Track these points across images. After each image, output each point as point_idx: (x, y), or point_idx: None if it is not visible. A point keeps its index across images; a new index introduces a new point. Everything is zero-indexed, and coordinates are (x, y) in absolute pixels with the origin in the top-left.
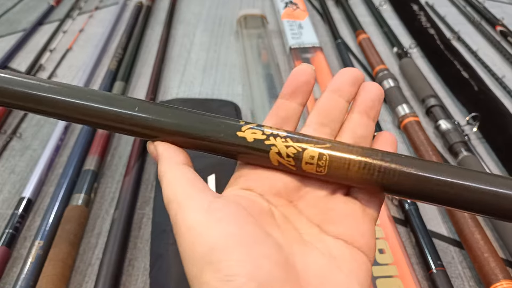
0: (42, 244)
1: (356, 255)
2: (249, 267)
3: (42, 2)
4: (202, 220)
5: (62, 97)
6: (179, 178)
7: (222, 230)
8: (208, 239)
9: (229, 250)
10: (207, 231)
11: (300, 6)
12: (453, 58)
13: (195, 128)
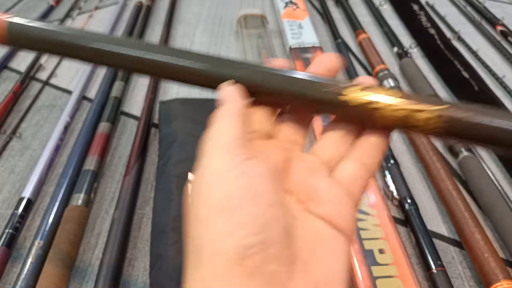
0: (42, 244)
1: (337, 236)
2: (259, 222)
3: (41, 2)
4: (227, 167)
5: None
6: (228, 128)
7: (244, 183)
8: (229, 187)
9: (245, 202)
10: (229, 179)
11: (300, 6)
12: (454, 58)
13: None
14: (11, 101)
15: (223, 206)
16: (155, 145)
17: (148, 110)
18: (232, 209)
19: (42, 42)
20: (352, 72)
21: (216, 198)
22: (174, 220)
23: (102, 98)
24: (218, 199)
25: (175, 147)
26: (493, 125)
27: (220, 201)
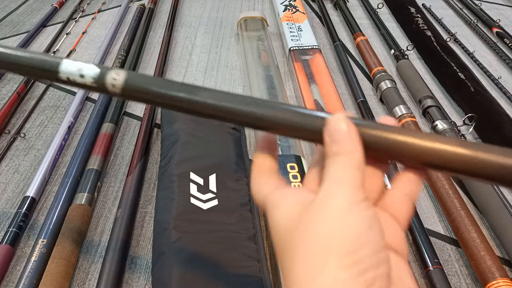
0: (45, 242)
1: (399, 259)
2: (377, 258)
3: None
4: (352, 204)
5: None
6: (356, 165)
7: (366, 221)
8: (353, 223)
9: (368, 239)
10: (353, 215)
11: (299, 9)
12: (450, 59)
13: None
14: (15, 101)
15: (351, 231)
16: (158, 145)
17: (151, 111)
18: (358, 233)
19: (155, 97)
20: (350, 73)
21: (345, 226)
22: (176, 219)
23: (106, 99)
24: (347, 228)
25: (177, 147)
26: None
27: (350, 228)
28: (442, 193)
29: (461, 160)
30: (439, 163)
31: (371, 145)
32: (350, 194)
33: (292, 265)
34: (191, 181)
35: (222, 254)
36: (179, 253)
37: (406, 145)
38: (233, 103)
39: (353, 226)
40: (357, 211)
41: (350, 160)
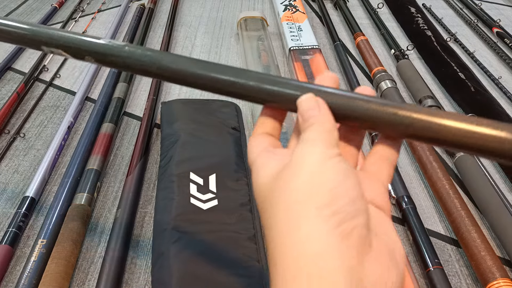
0: (45, 242)
1: (381, 213)
2: (352, 195)
3: (45, 4)
4: (327, 156)
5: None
6: (328, 125)
7: (341, 168)
8: (329, 171)
9: (341, 180)
10: (329, 165)
11: (299, 9)
12: (450, 59)
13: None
14: (15, 101)
15: (327, 182)
16: (157, 145)
17: (151, 111)
18: (334, 184)
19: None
20: (350, 73)
21: (321, 178)
22: (176, 219)
23: (105, 99)
24: (323, 179)
25: (177, 147)
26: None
27: (325, 179)
28: (443, 193)
29: (435, 129)
30: (413, 133)
31: (344, 115)
32: (324, 150)
33: (273, 220)
34: (191, 181)
35: (222, 254)
36: (179, 254)
37: (379, 115)
38: (209, 71)
39: (328, 177)
40: (331, 164)
41: (322, 127)
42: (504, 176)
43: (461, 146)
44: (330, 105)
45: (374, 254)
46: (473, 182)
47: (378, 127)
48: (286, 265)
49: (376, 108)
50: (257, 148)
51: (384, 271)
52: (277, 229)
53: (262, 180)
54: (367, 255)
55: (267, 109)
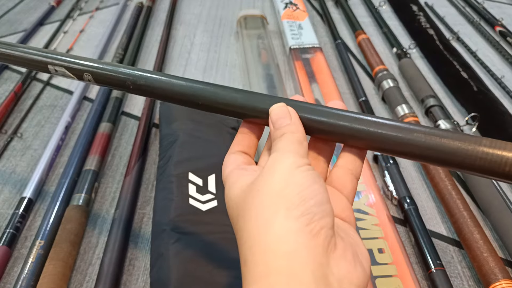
0: (42, 243)
1: (346, 224)
2: (320, 197)
3: (42, 3)
4: (297, 164)
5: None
6: (298, 136)
7: (310, 175)
8: (298, 176)
9: (310, 185)
10: (299, 172)
11: (300, 7)
12: (453, 58)
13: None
14: (12, 101)
15: (296, 186)
16: (156, 145)
17: (149, 110)
18: (303, 187)
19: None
20: (351, 72)
21: (290, 183)
22: (175, 220)
23: (103, 98)
24: (292, 183)
25: (176, 147)
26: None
27: (294, 184)
28: (445, 194)
29: (395, 142)
30: (377, 146)
31: (314, 128)
32: (294, 160)
33: (245, 224)
34: (190, 182)
35: (221, 256)
36: (178, 255)
37: (345, 129)
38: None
39: (297, 182)
40: (300, 171)
41: (292, 137)
42: None
43: (421, 157)
44: (302, 118)
45: (340, 252)
46: (476, 182)
47: (347, 140)
48: (256, 262)
49: (344, 123)
50: (231, 166)
51: (349, 268)
52: (249, 231)
53: (234, 192)
54: (333, 253)
55: (244, 126)
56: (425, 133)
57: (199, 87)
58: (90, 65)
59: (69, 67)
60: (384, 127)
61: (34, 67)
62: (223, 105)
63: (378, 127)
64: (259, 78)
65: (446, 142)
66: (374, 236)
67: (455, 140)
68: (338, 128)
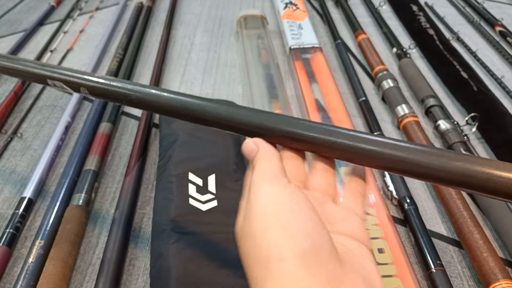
0: (42, 243)
1: (359, 244)
2: (308, 227)
3: (42, 3)
4: (277, 190)
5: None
6: (270, 162)
7: (293, 199)
8: (281, 203)
9: (295, 213)
10: (281, 198)
11: (300, 7)
12: (453, 58)
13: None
14: (12, 101)
15: (279, 219)
16: (156, 145)
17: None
18: (287, 220)
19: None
20: (351, 72)
21: (272, 214)
22: (175, 220)
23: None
24: (274, 215)
25: (176, 147)
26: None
27: (276, 215)
28: (445, 194)
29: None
30: (384, 165)
31: (289, 141)
32: (272, 187)
33: (249, 267)
34: (190, 182)
35: (221, 256)
36: (178, 255)
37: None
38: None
39: (282, 216)
40: (282, 198)
41: (263, 161)
42: None
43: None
44: (310, 137)
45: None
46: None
47: (354, 159)
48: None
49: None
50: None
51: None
52: (253, 278)
53: (237, 223)
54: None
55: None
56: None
57: (186, 100)
58: (86, 79)
59: (66, 81)
60: (397, 148)
61: (33, 80)
62: (210, 118)
63: (393, 148)
64: (259, 78)
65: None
66: (374, 236)
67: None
68: (341, 145)
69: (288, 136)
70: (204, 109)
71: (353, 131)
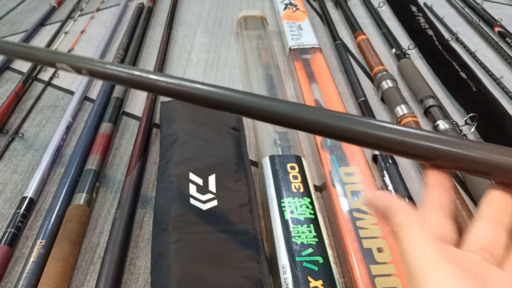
0: (44, 243)
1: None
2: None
3: (43, 3)
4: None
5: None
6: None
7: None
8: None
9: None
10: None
11: (299, 8)
12: (452, 59)
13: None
14: (13, 101)
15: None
16: (157, 145)
17: (150, 111)
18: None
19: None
20: (351, 72)
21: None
22: (175, 219)
23: (104, 98)
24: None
25: (176, 147)
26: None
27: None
28: None
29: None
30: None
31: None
32: (438, 267)
33: None
34: (190, 182)
35: (221, 255)
36: (178, 254)
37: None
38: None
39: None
40: (443, 273)
41: (414, 234)
42: None
43: None
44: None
45: None
46: (475, 182)
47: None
48: None
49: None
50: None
51: None
52: None
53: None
54: None
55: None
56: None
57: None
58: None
59: (71, 64)
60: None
61: (45, 63)
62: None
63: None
64: (259, 78)
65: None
66: (373, 235)
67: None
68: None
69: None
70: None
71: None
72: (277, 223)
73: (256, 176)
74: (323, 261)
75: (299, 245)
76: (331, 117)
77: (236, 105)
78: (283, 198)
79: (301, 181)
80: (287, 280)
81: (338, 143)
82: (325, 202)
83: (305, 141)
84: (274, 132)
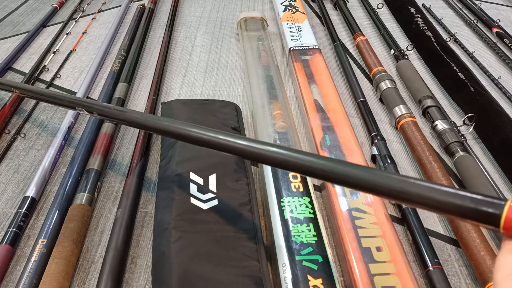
0: (45, 242)
1: None
2: None
3: (45, 5)
4: None
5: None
6: None
7: None
8: None
9: None
10: None
11: (299, 9)
12: (450, 59)
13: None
14: (15, 101)
15: None
16: (158, 145)
17: (151, 111)
18: None
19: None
20: (350, 73)
21: None
22: (176, 219)
23: (106, 99)
24: None
25: (177, 147)
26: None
27: None
28: None
29: None
30: None
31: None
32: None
33: None
34: (191, 181)
35: (222, 254)
36: (179, 253)
37: None
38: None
39: None
40: None
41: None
42: (504, 176)
43: None
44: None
45: None
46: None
47: None
48: None
49: None
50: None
51: None
52: None
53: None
54: None
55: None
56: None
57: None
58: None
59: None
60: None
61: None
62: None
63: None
64: (259, 79)
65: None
66: (372, 234)
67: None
68: None
69: None
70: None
71: None
72: (277, 222)
73: (256, 176)
74: (322, 260)
75: (298, 244)
76: (416, 186)
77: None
78: (282, 198)
79: (301, 181)
80: (286, 278)
81: (337, 143)
82: (325, 202)
83: (305, 141)
84: (274, 132)
